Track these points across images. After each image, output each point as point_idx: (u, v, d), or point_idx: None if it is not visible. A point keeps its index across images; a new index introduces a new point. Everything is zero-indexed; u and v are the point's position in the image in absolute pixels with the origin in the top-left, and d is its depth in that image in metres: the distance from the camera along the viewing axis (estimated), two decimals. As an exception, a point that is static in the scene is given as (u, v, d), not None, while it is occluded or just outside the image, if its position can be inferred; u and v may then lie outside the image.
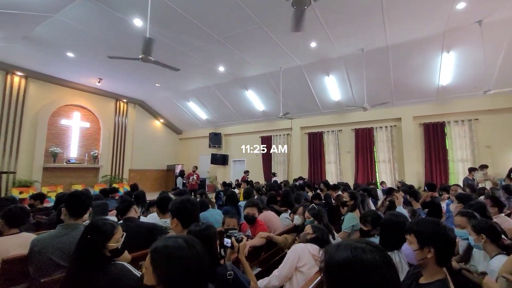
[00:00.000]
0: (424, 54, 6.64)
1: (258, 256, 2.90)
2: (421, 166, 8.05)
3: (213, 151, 12.15)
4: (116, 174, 10.97)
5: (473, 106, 7.35)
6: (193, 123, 13.00)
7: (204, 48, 6.97)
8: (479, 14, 5.33)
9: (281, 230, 3.52)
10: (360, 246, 0.78)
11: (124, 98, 11.43)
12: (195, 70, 8.43)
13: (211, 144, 12.00)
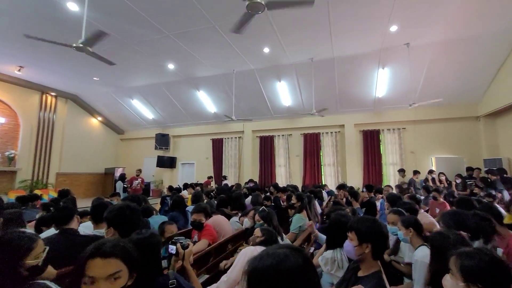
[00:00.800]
0: (364, 68, 7.46)
1: (206, 262, 2.83)
2: (360, 169, 8.97)
3: (160, 153, 11.49)
4: (39, 179, 9.48)
5: (402, 116, 8.53)
6: (138, 122, 12.09)
7: (152, 43, 6.57)
8: (407, 37, 6.24)
9: (231, 234, 3.50)
10: (282, 252, 0.80)
11: (53, 91, 10.00)
12: (141, 65, 7.88)
13: (158, 146, 11.32)
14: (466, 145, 7.96)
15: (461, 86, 7.41)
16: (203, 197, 5.25)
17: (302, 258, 0.79)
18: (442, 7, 5.16)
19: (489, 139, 7.67)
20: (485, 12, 5.33)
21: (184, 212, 3.99)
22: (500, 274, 1.12)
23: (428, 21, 5.60)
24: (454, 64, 6.89)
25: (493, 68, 6.86)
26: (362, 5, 5.09)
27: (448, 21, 5.61)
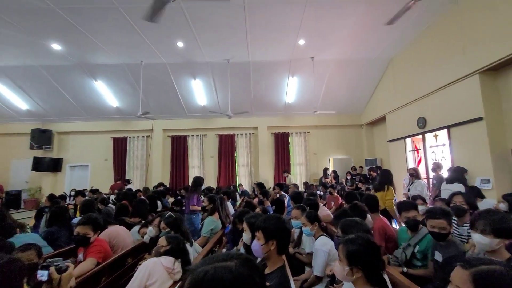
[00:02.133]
0: (276, 75, 8.06)
1: (97, 283, 2.38)
2: (272, 169, 9.65)
3: (38, 154, 9.24)
4: None
5: (307, 121, 9.66)
6: (3, 113, 9.37)
7: (29, 14, 5.20)
8: (313, 52, 7.10)
9: (131, 246, 3.08)
10: (225, 265, 0.70)
11: None
12: (11, 40, 6.13)
13: (35, 145, 9.06)
14: (353, 148, 9.73)
15: (351, 99, 8.99)
16: (98, 204, 4.47)
17: (247, 266, 0.70)
18: (338, 31, 6.11)
19: (369, 143, 9.62)
20: (367, 41, 6.62)
21: (68, 225, 3.27)
22: (373, 255, 1.35)
23: (329, 40, 6.53)
24: (346, 80, 8.30)
25: (372, 86, 8.63)
26: (276, 16, 5.48)
27: (343, 44, 6.69)
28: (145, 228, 3.34)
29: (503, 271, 0.94)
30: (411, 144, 6.98)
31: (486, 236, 1.65)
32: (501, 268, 0.95)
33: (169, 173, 9.63)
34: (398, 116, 7.32)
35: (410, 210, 2.47)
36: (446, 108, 5.50)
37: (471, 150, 4.93)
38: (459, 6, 5.06)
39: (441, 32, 5.58)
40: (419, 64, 6.35)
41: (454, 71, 5.22)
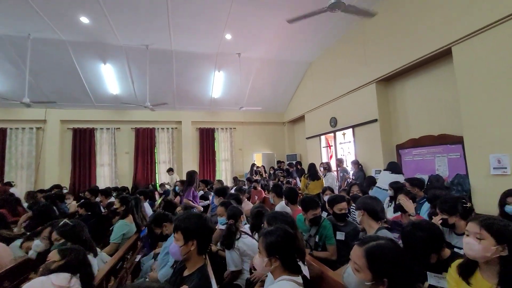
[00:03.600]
0: (202, 68, 7.74)
1: None
2: (196, 166, 9.29)
3: None
4: None
5: (233, 117, 9.68)
6: None
7: None
8: (239, 48, 7.09)
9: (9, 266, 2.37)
10: None
11: None
12: None
13: None
14: (276, 144, 10.32)
15: (275, 97, 9.46)
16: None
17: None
18: (264, 30, 6.26)
19: (290, 139, 10.37)
20: (291, 44, 7.05)
21: None
22: (289, 244, 1.43)
23: (255, 39, 6.63)
24: (271, 79, 8.66)
25: (293, 87, 9.28)
26: (202, 5, 5.19)
27: (269, 44, 6.92)
28: (29, 241, 2.63)
29: (385, 243, 1.15)
30: (325, 141, 7.85)
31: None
32: (384, 241, 1.17)
33: (70, 173, 8.08)
34: (315, 115, 8.10)
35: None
36: (352, 110, 6.37)
37: (369, 146, 5.85)
38: (364, 25, 5.91)
39: (350, 45, 6.41)
40: (332, 70, 7.16)
41: (358, 79, 6.08)
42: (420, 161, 4.89)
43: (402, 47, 4.90)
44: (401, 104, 5.41)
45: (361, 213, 2.06)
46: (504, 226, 1.21)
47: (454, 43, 4.01)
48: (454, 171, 4.25)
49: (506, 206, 2.47)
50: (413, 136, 5.05)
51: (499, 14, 3.39)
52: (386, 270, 1.08)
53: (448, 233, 2.17)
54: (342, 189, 4.52)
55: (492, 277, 1.21)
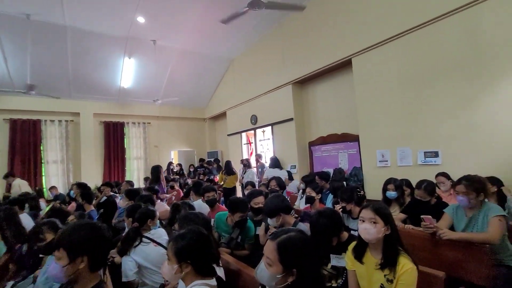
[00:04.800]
0: (108, 52, 6.66)
1: None
2: (100, 165, 8.01)
3: None
4: None
5: (147, 111, 8.75)
6: None
7: None
8: (154, 34, 6.39)
9: None
10: None
11: None
12: None
13: None
14: (197, 140, 9.90)
15: (195, 92, 9.03)
16: None
17: None
18: (183, 20, 5.83)
19: (211, 136, 10.13)
20: (212, 38, 6.82)
21: None
22: (202, 247, 1.32)
23: (173, 27, 6.11)
24: (191, 73, 8.21)
25: (215, 83, 9.08)
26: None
27: (188, 35, 6.49)
28: None
29: (295, 235, 1.19)
30: (246, 138, 7.99)
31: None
32: (294, 233, 1.20)
33: None
34: (236, 112, 8.14)
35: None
36: (271, 109, 6.66)
37: (286, 143, 6.24)
38: (282, 28, 6.24)
39: (270, 45, 6.67)
40: (254, 69, 7.30)
41: (277, 79, 6.39)
42: (327, 156, 5.50)
43: (314, 54, 5.39)
44: (313, 105, 5.96)
45: (279, 214, 2.06)
46: (386, 208, 1.49)
47: (354, 55, 4.65)
48: (352, 164, 4.94)
49: (387, 192, 2.98)
50: (322, 134, 5.65)
51: (389, 33, 4.08)
52: (296, 261, 1.12)
53: (346, 218, 2.46)
54: (262, 184, 4.66)
55: (377, 254, 1.43)
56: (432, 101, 3.66)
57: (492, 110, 3.14)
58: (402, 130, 4.00)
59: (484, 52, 3.19)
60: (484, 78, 3.19)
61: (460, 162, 3.35)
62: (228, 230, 2.50)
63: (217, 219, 2.68)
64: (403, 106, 4.00)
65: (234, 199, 2.53)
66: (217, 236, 2.57)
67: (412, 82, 3.88)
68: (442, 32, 3.54)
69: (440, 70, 3.58)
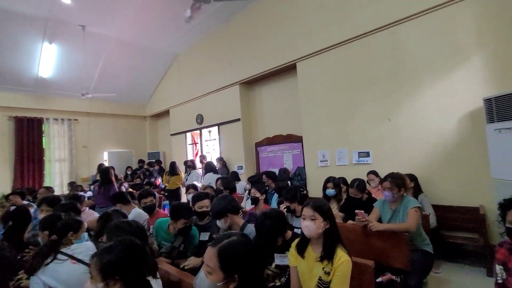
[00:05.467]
0: (22, 33, 5.64)
1: None
2: (9, 169, 6.72)
3: None
4: None
5: (74, 106, 7.68)
6: None
7: None
8: (84, 19, 5.66)
9: None
10: None
11: None
12: None
13: None
14: (135, 140, 9.11)
15: (133, 87, 8.32)
16: None
17: None
18: (118, 6, 5.31)
19: (152, 136, 9.46)
20: (153, 31, 6.37)
21: None
22: (134, 258, 1.16)
23: (106, 13, 5.50)
24: (129, 65, 7.53)
25: (157, 78, 8.52)
26: None
27: (125, 23, 5.93)
28: None
29: (237, 239, 1.16)
30: (191, 138, 7.70)
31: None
32: (236, 238, 1.17)
33: None
34: (181, 111, 7.78)
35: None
36: (218, 109, 6.55)
37: (232, 143, 6.21)
38: (230, 27, 6.20)
39: (217, 43, 6.55)
40: (200, 66, 7.08)
41: (224, 79, 6.32)
42: (273, 156, 5.66)
43: (261, 55, 5.49)
44: (260, 106, 6.07)
45: (227, 215, 2.00)
46: (325, 204, 1.58)
47: (299, 60, 4.90)
48: (296, 164, 5.19)
49: (327, 190, 3.20)
50: (268, 135, 5.79)
51: (330, 42, 4.42)
52: (237, 266, 1.10)
53: (290, 217, 2.55)
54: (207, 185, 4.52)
55: (318, 248, 1.52)
56: (365, 106, 4.09)
57: (411, 116, 3.65)
58: (340, 132, 4.37)
59: (406, 66, 3.70)
60: (406, 88, 3.70)
61: (387, 161, 3.80)
62: (170, 238, 2.32)
63: (156, 226, 2.47)
64: (340, 110, 4.36)
65: (177, 205, 2.34)
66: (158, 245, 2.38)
67: (348, 88, 4.27)
68: (373, 45, 3.99)
69: (371, 78, 4.02)
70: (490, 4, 3.08)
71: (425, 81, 3.54)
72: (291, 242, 1.66)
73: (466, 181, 3.22)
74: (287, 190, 2.60)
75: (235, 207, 2.03)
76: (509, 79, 2.95)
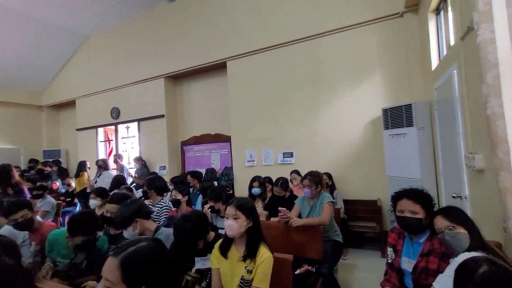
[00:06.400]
0: None
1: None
2: None
3: None
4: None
5: None
6: None
7: None
8: None
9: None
10: None
11: None
12: None
13: None
14: (27, 135, 7.49)
15: (27, 70, 6.85)
16: None
17: None
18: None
19: (51, 130, 7.94)
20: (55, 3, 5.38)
21: None
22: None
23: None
24: (22, 43, 6.16)
25: (60, 62, 7.23)
26: None
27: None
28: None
29: (145, 245, 1.00)
30: (104, 134, 6.80)
31: None
32: (146, 243, 1.01)
33: None
34: (91, 102, 6.79)
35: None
36: (139, 103, 5.98)
37: (155, 142, 5.76)
38: (154, 15, 5.77)
39: (140, 30, 5.99)
40: (117, 54, 6.33)
41: (147, 70, 5.82)
42: (200, 156, 5.51)
43: (190, 50, 5.29)
44: (188, 103, 5.83)
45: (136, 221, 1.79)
46: (248, 202, 1.58)
47: (229, 59, 4.91)
48: (224, 164, 5.17)
49: (252, 189, 3.29)
50: (196, 134, 5.60)
51: (260, 45, 4.61)
52: (144, 277, 0.94)
53: (215, 217, 2.52)
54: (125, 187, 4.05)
55: (241, 247, 1.51)
56: (289, 109, 4.39)
57: (328, 121, 4.10)
58: (267, 133, 4.57)
59: (324, 75, 4.14)
60: (324, 95, 4.14)
61: (307, 161, 4.16)
62: (69, 254, 1.94)
63: (51, 240, 2.00)
64: (268, 111, 4.57)
65: (76, 217, 1.91)
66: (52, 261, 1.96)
67: (276, 91, 4.51)
68: (297, 53, 4.35)
69: (294, 84, 4.35)
70: (389, 32, 3.75)
71: (339, 91, 4.04)
72: (214, 244, 1.61)
73: (368, 178, 3.82)
74: (211, 190, 2.57)
75: (145, 211, 1.84)
76: (401, 94, 3.63)
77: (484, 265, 0.80)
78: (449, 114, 2.32)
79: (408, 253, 1.49)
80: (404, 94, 3.60)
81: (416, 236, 1.47)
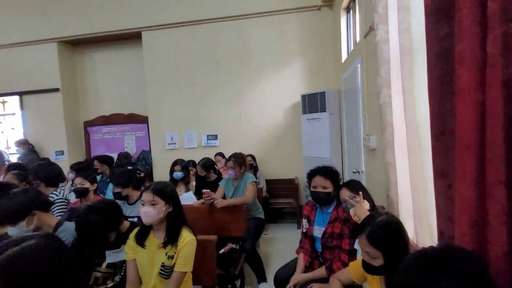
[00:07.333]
0: None
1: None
2: None
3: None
4: None
5: None
6: None
7: None
8: None
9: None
10: None
11: None
12: None
13: None
14: None
15: None
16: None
17: None
18: None
19: None
20: None
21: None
22: None
23: None
24: None
25: None
26: None
27: None
28: None
29: (32, 245, 0.79)
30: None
31: None
32: (35, 241, 0.80)
33: None
34: None
35: None
36: (20, 71, 4.84)
37: (47, 121, 4.81)
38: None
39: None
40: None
41: (32, 30, 4.70)
42: (110, 139, 4.93)
43: (94, 11, 4.53)
44: (92, 76, 5.04)
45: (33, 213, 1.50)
46: (167, 186, 1.52)
47: (144, 29, 4.43)
48: (140, 147, 4.79)
49: (174, 173, 3.19)
50: (104, 113, 4.95)
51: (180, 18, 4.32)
52: (32, 284, 0.75)
53: (122, 204, 2.31)
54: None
55: (161, 234, 1.45)
56: (213, 90, 4.34)
57: (252, 103, 4.25)
58: (190, 114, 4.42)
59: (249, 57, 4.23)
60: (248, 77, 4.24)
61: (232, 143, 4.25)
62: None
63: None
64: (190, 91, 4.40)
65: None
66: None
67: (198, 69, 4.36)
68: (222, 32, 4.28)
69: (218, 63, 4.30)
70: (308, 23, 4.07)
71: (263, 75, 4.21)
72: (128, 234, 1.50)
73: (287, 158, 4.20)
74: (118, 174, 2.34)
75: (44, 201, 1.57)
76: (317, 82, 4.05)
77: (383, 215, 1.05)
78: (353, 102, 2.73)
79: (319, 222, 1.74)
80: (320, 82, 4.03)
81: (325, 207, 1.73)
